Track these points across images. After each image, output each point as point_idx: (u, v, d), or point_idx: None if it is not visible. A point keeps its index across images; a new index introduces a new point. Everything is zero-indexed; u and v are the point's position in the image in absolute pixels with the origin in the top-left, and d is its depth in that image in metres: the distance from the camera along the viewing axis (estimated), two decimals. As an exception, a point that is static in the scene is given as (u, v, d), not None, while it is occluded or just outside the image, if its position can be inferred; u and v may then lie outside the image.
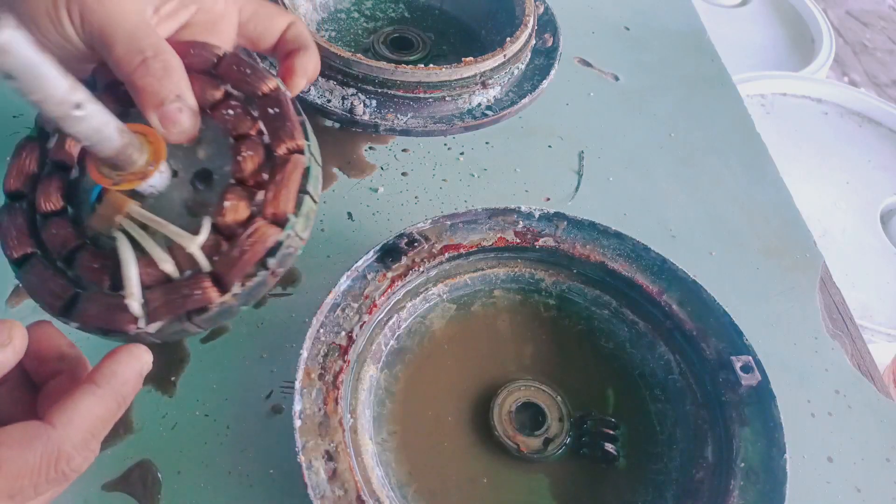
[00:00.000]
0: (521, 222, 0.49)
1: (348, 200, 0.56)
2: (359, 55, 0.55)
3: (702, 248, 0.59)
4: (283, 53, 0.47)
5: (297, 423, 0.38)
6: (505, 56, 0.57)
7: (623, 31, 0.77)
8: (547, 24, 0.65)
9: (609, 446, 0.43)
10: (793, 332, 0.54)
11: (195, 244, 0.39)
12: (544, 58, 0.63)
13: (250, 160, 0.42)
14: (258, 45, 0.48)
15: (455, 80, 0.56)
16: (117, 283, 0.39)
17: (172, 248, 0.40)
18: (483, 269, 0.49)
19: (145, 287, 0.39)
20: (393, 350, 0.46)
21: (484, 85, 0.58)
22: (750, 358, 0.43)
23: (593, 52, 0.73)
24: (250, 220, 0.40)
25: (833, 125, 1.16)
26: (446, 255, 0.46)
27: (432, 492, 0.42)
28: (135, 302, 0.38)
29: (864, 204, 1.06)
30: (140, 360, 0.33)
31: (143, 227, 0.40)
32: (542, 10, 0.66)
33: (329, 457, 0.37)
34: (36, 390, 0.34)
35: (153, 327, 0.38)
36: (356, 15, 0.68)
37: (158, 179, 0.41)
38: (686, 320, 0.45)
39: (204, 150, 0.44)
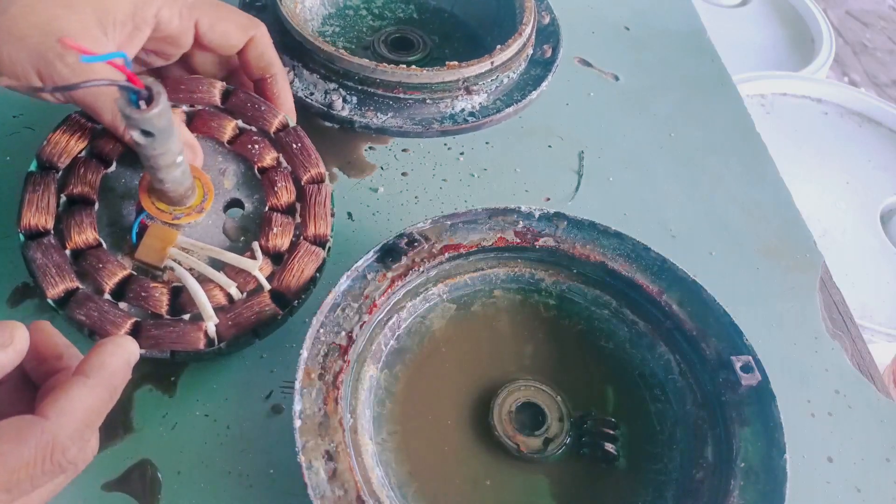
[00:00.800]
0: (521, 222, 0.49)
1: (348, 200, 0.56)
2: (341, 50, 0.54)
3: (702, 248, 0.59)
4: (252, 77, 0.49)
5: (297, 423, 0.38)
6: (492, 63, 0.56)
7: (623, 31, 0.77)
8: (550, 35, 0.64)
9: (609, 446, 0.43)
10: (793, 332, 0.54)
11: (256, 268, 0.43)
12: (541, 69, 0.62)
13: (285, 190, 0.46)
14: (218, 53, 0.49)
15: (436, 83, 0.55)
16: (177, 309, 0.42)
17: (226, 271, 0.43)
18: (483, 269, 0.49)
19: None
20: (393, 350, 0.46)
21: (468, 91, 0.56)
22: (750, 358, 0.43)
23: (593, 52, 0.73)
24: (292, 242, 0.45)
25: (833, 125, 1.16)
26: (446, 255, 0.46)
27: (432, 492, 0.42)
28: (212, 324, 0.41)
29: (864, 204, 1.06)
30: (127, 350, 0.33)
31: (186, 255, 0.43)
32: (547, 20, 0.65)
33: (329, 457, 0.37)
34: (35, 390, 0.34)
35: (223, 344, 0.42)
36: (364, 13, 0.68)
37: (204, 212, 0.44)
38: (686, 320, 0.45)
39: (230, 181, 0.47)
